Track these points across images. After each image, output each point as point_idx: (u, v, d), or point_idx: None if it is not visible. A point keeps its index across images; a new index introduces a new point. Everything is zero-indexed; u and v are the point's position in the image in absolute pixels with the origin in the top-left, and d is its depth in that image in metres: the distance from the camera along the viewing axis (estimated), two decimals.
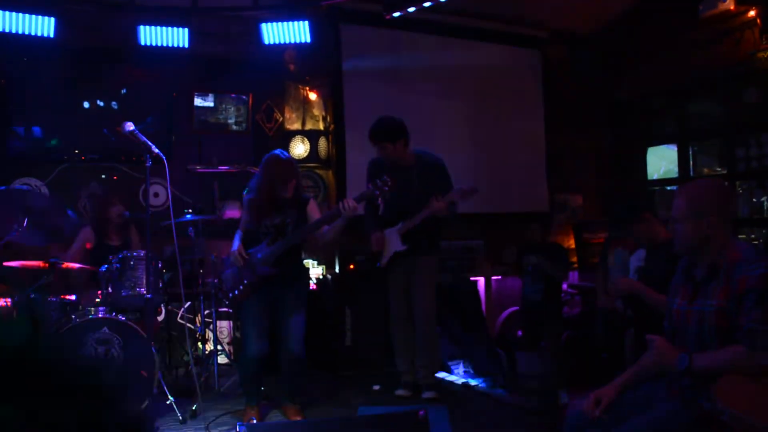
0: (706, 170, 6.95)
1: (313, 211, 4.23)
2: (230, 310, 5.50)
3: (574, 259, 7.20)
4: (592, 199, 7.61)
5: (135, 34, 5.61)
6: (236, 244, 4.21)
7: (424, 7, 5.86)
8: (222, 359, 5.31)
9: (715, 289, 2.40)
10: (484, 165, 6.94)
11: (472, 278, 6.50)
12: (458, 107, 6.93)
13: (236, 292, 4.15)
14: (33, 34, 5.25)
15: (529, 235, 6.02)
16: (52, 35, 5.30)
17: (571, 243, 7.38)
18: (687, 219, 2.49)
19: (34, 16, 5.23)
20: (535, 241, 5.94)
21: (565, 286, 6.33)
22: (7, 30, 5.16)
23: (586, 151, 7.59)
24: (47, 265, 4.26)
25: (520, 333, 6.12)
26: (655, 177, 7.33)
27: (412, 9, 5.96)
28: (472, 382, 5.16)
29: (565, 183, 7.51)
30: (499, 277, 6.97)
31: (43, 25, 5.27)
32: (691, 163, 6.85)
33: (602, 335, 4.78)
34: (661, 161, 7.33)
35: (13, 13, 5.17)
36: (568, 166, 7.50)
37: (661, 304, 3.34)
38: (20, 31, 5.20)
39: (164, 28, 5.64)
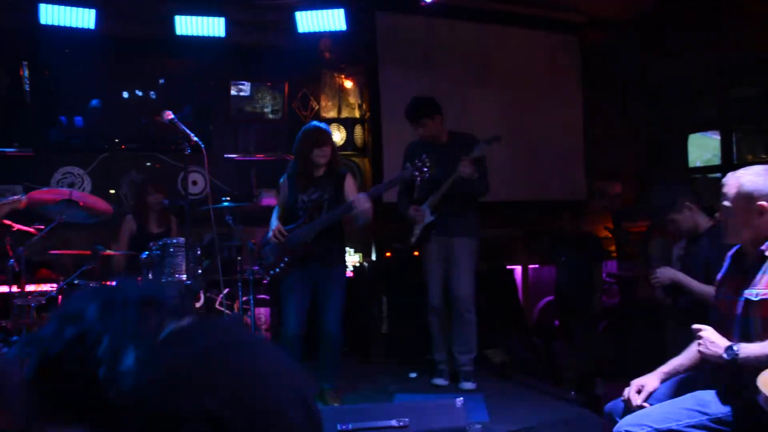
0: (750, 157, 6.77)
1: (350, 186, 4.23)
2: (268, 297, 5.55)
3: (612, 248, 7.09)
4: (631, 187, 7.48)
5: (172, 24, 5.68)
6: (274, 221, 4.25)
7: None
8: None
9: (762, 279, 2.34)
10: (521, 152, 6.85)
11: (508, 267, 6.46)
12: (495, 94, 6.86)
13: (276, 270, 4.19)
14: (74, 26, 5.35)
15: (561, 225, 5.94)
16: (92, 27, 5.40)
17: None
18: (738, 205, 2.43)
19: (75, 9, 5.33)
20: (566, 230, 5.86)
21: (604, 275, 6.26)
22: (50, 23, 5.28)
23: (626, 138, 7.45)
24: (90, 251, 4.39)
25: (557, 322, 6.08)
26: (698, 164, 7.17)
27: None
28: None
29: (604, 170, 7.39)
30: (537, 265, 6.91)
31: (84, 17, 5.37)
32: (734, 149, 6.67)
33: (642, 325, 4.72)
34: (703, 152, 7.16)
35: (56, 6, 5.28)
36: (606, 153, 7.37)
37: (704, 294, 3.28)
38: (62, 24, 5.31)
39: (201, 17, 5.70)
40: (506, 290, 6.05)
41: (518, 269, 6.72)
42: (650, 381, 2.56)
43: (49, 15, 5.28)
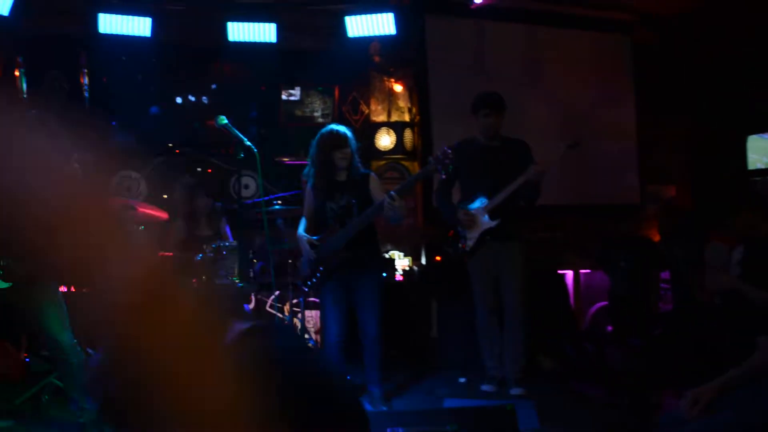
0: None
1: (375, 186, 4.19)
2: (318, 300, 5.60)
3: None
4: (686, 190, 7.29)
5: (224, 31, 5.79)
6: (301, 233, 4.25)
7: None
8: None
9: None
10: (573, 155, 6.70)
11: (560, 271, 6.37)
12: (545, 96, 6.77)
13: (314, 280, 4.22)
14: (131, 34, 5.52)
15: (614, 229, 5.82)
16: (149, 35, 5.56)
17: None
18: None
19: (132, 17, 5.50)
20: (620, 235, 5.74)
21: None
22: (108, 31, 5.46)
23: (680, 140, 7.26)
24: None
25: (609, 328, 5.96)
26: (758, 166, 6.93)
27: None
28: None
29: (658, 173, 7.22)
30: (588, 270, 6.79)
31: (140, 25, 5.53)
32: None
33: (699, 333, 4.59)
34: (763, 154, 6.92)
35: (114, 15, 5.45)
36: (660, 155, 7.19)
37: (765, 302, 3.18)
38: (120, 32, 5.49)
39: (253, 23, 5.80)
40: (557, 295, 5.96)
41: (570, 274, 6.61)
42: (707, 392, 2.47)
43: (108, 24, 5.46)
